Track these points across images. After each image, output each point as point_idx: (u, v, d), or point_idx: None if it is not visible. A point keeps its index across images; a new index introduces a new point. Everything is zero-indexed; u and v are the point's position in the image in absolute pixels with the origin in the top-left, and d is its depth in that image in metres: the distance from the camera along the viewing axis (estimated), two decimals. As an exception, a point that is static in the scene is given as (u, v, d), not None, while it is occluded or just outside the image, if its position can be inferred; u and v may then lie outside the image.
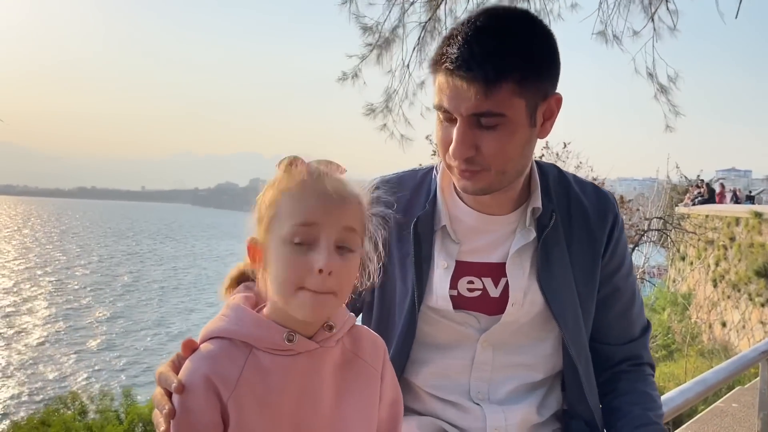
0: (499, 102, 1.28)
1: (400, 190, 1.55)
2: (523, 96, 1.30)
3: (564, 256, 1.50)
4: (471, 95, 1.28)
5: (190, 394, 1.02)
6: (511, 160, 1.36)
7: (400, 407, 1.24)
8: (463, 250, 1.50)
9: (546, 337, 1.54)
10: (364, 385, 1.16)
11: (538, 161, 1.58)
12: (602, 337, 1.61)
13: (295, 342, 1.07)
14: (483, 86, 1.27)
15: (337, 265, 1.02)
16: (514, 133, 1.33)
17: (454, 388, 1.50)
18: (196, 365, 1.04)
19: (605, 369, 1.63)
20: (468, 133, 1.32)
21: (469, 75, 1.27)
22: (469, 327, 1.50)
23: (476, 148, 1.33)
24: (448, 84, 1.30)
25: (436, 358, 1.52)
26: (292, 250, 1.03)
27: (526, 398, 1.52)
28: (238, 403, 1.03)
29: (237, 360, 1.05)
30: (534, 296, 1.48)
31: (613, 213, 1.57)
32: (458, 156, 1.34)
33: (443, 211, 1.51)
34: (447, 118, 1.35)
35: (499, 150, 1.33)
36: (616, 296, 1.59)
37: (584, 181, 1.63)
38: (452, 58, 1.29)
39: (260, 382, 1.05)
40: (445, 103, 1.32)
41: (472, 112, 1.30)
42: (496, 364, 1.51)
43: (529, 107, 1.33)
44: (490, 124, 1.31)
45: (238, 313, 1.09)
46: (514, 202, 1.50)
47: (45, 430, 6.84)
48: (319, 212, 1.03)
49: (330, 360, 1.12)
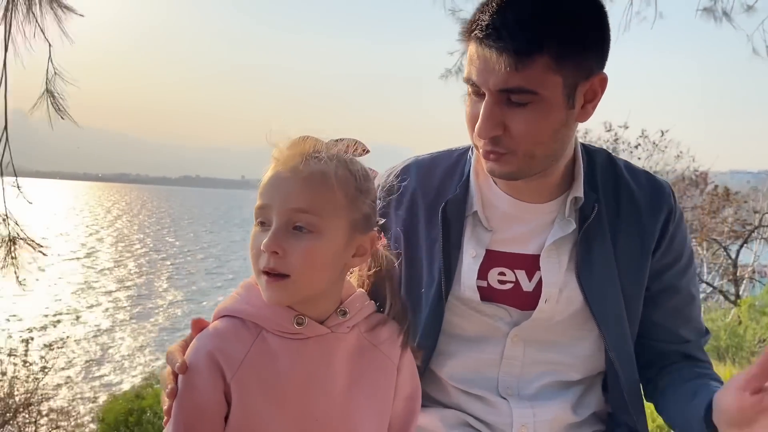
0: (531, 77, 1.18)
1: (433, 172, 1.48)
2: (560, 73, 1.19)
3: (608, 250, 1.38)
4: (501, 68, 1.17)
5: (193, 371, 1.00)
6: (542, 143, 1.25)
7: (417, 402, 1.18)
8: (495, 238, 1.40)
9: (585, 337, 1.42)
10: (379, 375, 1.11)
11: (587, 145, 1.47)
12: (651, 335, 1.48)
13: (305, 326, 1.04)
14: (514, 58, 1.16)
15: (286, 246, 0.98)
16: (548, 113, 1.22)
17: (482, 381, 1.42)
18: (202, 342, 1.03)
19: (653, 365, 1.50)
20: (495, 110, 1.22)
21: (499, 45, 1.16)
22: (499, 320, 1.41)
23: (504, 128, 1.23)
24: (478, 55, 1.21)
25: (463, 350, 1.44)
26: (255, 232, 1.02)
27: (559, 396, 1.42)
28: (242, 384, 1.01)
29: (244, 340, 1.03)
30: (572, 293, 1.37)
31: (668, 204, 1.43)
32: (484, 134, 1.24)
33: (476, 195, 1.41)
34: (476, 92, 1.25)
35: (529, 131, 1.22)
36: (668, 293, 1.45)
37: (637, 169, 1.49)
38: (482, 26, 1.19)
39: (267, 365, 1.02)
40: (473, 76, 1.22)
41: (501, 87, 1.19)
42: (527, 360, 1.42)
43: (567, 86, 1.21)
44: (521, 102, 1.20)
45: (249, 293, 1.07)
46: (555, 189, 1.39)
47: (139, 402, 7.67)
48: (271, 193, 1.01)
49: (343, 347, 1.07)
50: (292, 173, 1.00)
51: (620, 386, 1.42)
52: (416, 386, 1.19)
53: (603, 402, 1.48)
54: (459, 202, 1.42)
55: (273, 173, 1.02)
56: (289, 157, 1.02)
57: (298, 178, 1.00)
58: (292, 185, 1.00)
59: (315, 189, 1.00)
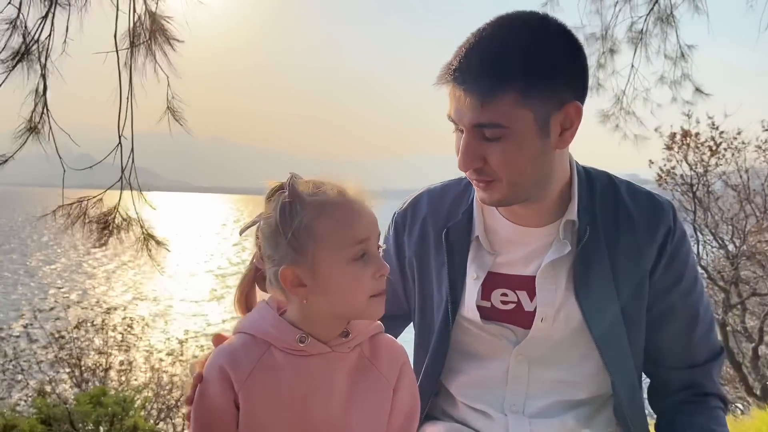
0: (499, 113, 1.25)
1: (443, 200, 1.56)
2: (528, 107, 1.25)
3: (606, 271, 1.41)
4: (470, 107, 1.26)
5: (207, 382, 1.15)
6: (521, 172, 1.31)
7: (414, 420, 1.24)
8: (498, 261, 1.47)
9: (588, 356, 1.44)
10: (375, 393, 1.18)
11: (588, 169, 1.50)
12: (657, 359, 1.48)
13: (307, 344, 1.14)
14: (479, 98, 1.24)
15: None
16: (521, 144, 1.28)
17: (488, 398, 1.48)
18: (216, 356, 1.16)
19: (663, 396, 1.50)
20: (473, 145, 1.30)
21: (465, 87, 1.25)
22: (503, 339, 1.47)
23: (483, 160, 1.31)
24: (454, 95, 1.30)
25: (471, 368, 1.51)
26: (357, 266, 1.10)
27: (563, 414, 1.44)
28: (249, 393, 1.13)
29: (253, 354, 1.15)
30: (570, 312, 1.41)
31: (666, 224, 1.42)
32: (464, 167, 1.33)
33: (478, 221, 1.49)
34: (457, 128, 1.34)
35: (506, 162, 1.29)
36: (670, 316, 1.44)
37: (638, 189, 1.49)
38: (452, 69, 1.28)
39: (271, 378, 1.13)
40: (452, 113, 1.32)
41: (473, 123, 1.28)
42: (533, 378, 1.46)
43: (538, 118, 1.27)
44: (494, 136, 1.28)
45: (261, 313, 1.20)
46: (552, 213, 1.44)
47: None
48: (367, 227, 1.12)
49: (344, 365, 1.16)
50: (367, 208, 1.15)
51: (622, 408, 1.43)
52: (415, 405, 1.24)
53: (615, 424, 1.48)
54: (462, 227, 1.50)
55: (354, 213, 1.14)
56: (355, 195, 1.15)
57: (370, 209, 1.15)
58: (374, 216, 1.15)
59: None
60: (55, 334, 9.15)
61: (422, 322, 1.57)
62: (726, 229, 9.89)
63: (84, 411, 6.64)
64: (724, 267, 9.97)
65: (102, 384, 8.29)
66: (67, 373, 8.80)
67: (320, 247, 1.09)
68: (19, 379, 8.70)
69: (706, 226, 9.78)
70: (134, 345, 9.60)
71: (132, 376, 8.95)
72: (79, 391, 8.08)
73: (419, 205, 1.59)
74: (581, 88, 1.32)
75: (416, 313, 1.58)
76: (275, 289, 1.14)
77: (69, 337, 9.05)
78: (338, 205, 1.11)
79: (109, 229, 4.36)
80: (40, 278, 29.74)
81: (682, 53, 6.40)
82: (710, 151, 9.70)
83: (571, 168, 1.44)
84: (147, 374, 8.98)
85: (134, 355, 9.49)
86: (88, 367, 8.87)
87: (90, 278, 29.16)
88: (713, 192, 9.94)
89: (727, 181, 9.93)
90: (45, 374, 8.71)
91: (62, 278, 29.90)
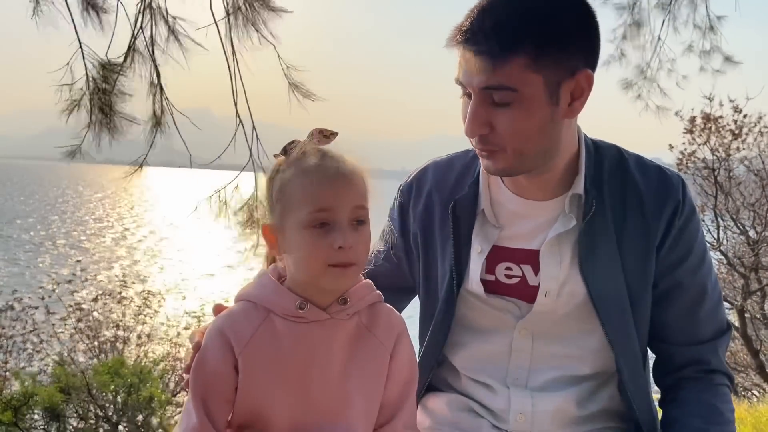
0: (510, 76, 1.23)
1: (449, 172, 1.55)
2: (539, 71, 1.24)
3: (612, 245, 1.39)
4: (481, 69, 1.24)
5: (207, 347, 1.17)
6: (529, 140, 1.30)
7: (411, 387, 1.26)
8: (503, 235, 1.46)
9: (592, 330, 1.43)
10: (372, 360, 1.20)
11: (597, 142, 1.48)
12: (663, 335, 1.47)
13: (306, 311, 1.16)
14: (490, 60, 1.23)
15: (353, 240, 1.12)
16: (531, 111, 1.26)
17: (491, 371, 1.49)
18: (217, 322, 1.19)
19: (668, 372, 1.49)
20: (480, 110, 1.28)
21: (477, 48, 1.24)
22: (507, 313, 1.47)
23: (490, 127, 1.29)
24: (464, 57, 1.28)
25: (475, 342, 1.51)
26: (313, 233, 1.11)
27: (567, 389, 1.44)
28: (248, 359, 1.15)
29: (253, 321, 1.17)
30: (574, 287, 1.40)
31: (675, 199, 1.40)
32: (470, 133, 1.32)
33: (484, 194, 1.48)
34: (465, 93, 1.32)
35: (513, 129, 1.28)
36: (677, 292, 1.43)
37: (648, 163, 1.47)
38: (463, 31, 1.26)
39: (271, 344, 1.15)
40: (461, 77, 1.30)
41: (482, 85, 1.26)
42: (536, 352, 1.46)
43: (548, 84, 1.25)
44: (503, 101, 1.26)
45: (262, 281, 1.22)
46: (558, 186, 1.42)
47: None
48: (331, 197, 1.11)
49: (342, 332, 1.18)
50: (343, 176, 1.14)
51: (625, 382, 1.42)
52: (413, 372, 1.26)
53: (618, 400, 1.47)
54: (468, 200, 1.48)
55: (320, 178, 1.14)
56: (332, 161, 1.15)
57: (351, 179, 1.15)
58: (351, 186, 1.14)
59: (363, 185, 1.16)
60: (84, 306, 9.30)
61: (426, 294, 1.56)
62: (747, 214, 9.74)
63: (102, 381, 6.76)
64: (744, 253, 9.85)
65: (120, 355, 8.42)
66: (85, 344, 8.95)
67: (286, 208, 1.13)
68: (39, 349, 8.86)
69: (727, 212, 9.65)
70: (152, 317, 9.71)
71: (149, 348, 9.07)
72: (96, 362, 8.22)
73: (424, 178, 1.58)
74: (593, 57, 1.30)
75: (421, 285, 1.58)
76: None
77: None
78: (310, 171, 1.12)
79: (253, 218, 4.27)
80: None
81: (711, 25, 6.28)
82: (732, 135, 9.55)
83: (579, 140, 1.42)
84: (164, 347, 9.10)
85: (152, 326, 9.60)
86: (107, 339, 9.01)
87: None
88: (735, 177, 9.79)
89: (749, 166, 9.78)
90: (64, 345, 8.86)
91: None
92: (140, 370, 7.13)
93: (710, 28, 6.27)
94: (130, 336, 9.15)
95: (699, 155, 9.67)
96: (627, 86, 6.84)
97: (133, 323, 9.31)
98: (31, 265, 24.36)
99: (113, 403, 7.08)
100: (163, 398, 7.17)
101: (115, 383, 6.81)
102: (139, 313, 9.46)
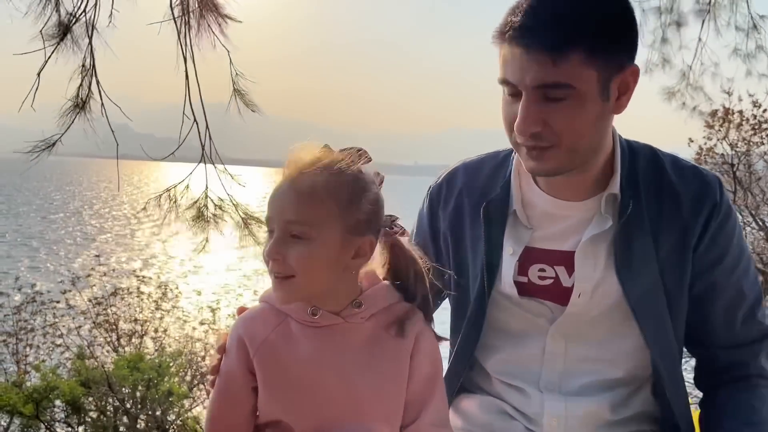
0: (567, 72, 1.21)
1: (479, 173, 1.54)
2: (594, 66, 1.22)
3: (648, 246, 1.38)
4: (536, 65, 1.21)
5: (228, 349, 1.20)
6: (582, 136, 1.28)
7: (434, 384, 1.24)
8: (535, 236, 1.45)
9: (627, 333, 1.42)
10: (391, 362, 1.19)
11: (631, 142, 1.46)
12: (700, 338, 1.46)
13: (319, 316, 1.17)
14: (550, 54, 1.20)
15: (276, 251, 1.11)
16: (584, 106, 1.25)
17: (524, 375, 1.48)
18: (235, 325, 1.21)
19: (707, 375, 1.49)
20: (533, 108, 1.25)
21: (535, 43, 1.21)
22: (540, 316, 1.46)
23: (543, 123, 1.26)
24: (512, 55, 1.24)
25: (507, 345, 1.50)
26: (266, 239, 1.15)
27: (600, 394, 1.43)
28: (262, 361, 1.17)
29: (269, 323, 1.19)
30: (609, 288, 1.39)
31: (712, 199, 1.38)
32: (524, 131, 1.27)
33: (516, 195, 1.46)
34: (512, 92, 1.29)
35: (569, 125, 1.25)
36: (714, 293, 1.41)
37: (684, 163, 1.46)
38: (516, 26, 1.23)
39: (285, 346, 1.17)
40: (509, 76, 1.26)
41: (537, 83, 1.22)
42: (570, 356, 1.45)
43: (601, 79, 1.24)
44: (557, 97, 1.23)
45: None
46: (593, 186, 1.40)
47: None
48: (271, 206, 1.14)
49: (358, 335, 1.18)
50: (288, 186, 1.14)
51: (662, 384, 1.41)
52: (436, 368, 1.24)
53: (653, 404, 1.47)
54: (500, 201, 1.47)
55: (276, 186, 1.16)
56: (288, 170, 1.15)
57: (291, 191, 1.13)
58: (286, 198, 1.13)
59: (304, 201, 1.11)
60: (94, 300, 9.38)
61: (457, 296, 1.55)
62: (767, 210, 9.65)
63: (122, 375, 6.82)
64: (763, 249, 9.75)
65: (138, 350, 8.49)
66: (104, 338, 9.03)
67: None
68: (59, 343, 8.95)
69: (746, 207, 9.54)
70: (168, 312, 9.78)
71: (166, 342, 9.13)
72: (116, 355, 8.29)
73: (455, 179, 1.57)
74: (635, 51, 1.30)
75: (451, 287, 1.55)
76: None
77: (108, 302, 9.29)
78: (281, 180, 1.15)
79: (204, 217, 4.33)
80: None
81: (754, 24, 6.08)
82: (753, 129, 9.44)
83: (614, 140, 1.41)
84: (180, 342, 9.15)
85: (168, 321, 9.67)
86: (125, 332, 9.08)
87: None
88: (755, 172, 9.68)
89: (769, 161, 9.67)
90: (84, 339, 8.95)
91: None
92: (159, 364, 7.19)
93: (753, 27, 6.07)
94: (148, 329, 9.22)
95: (718, 150, 9.58)
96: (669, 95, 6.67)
97: (151, 317, 9.38)
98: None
99: (132, 397, 7.15)
100: (181, 392, 7.23)
101: (134, 377, 6.88)
102: (157, 308, 9.52)
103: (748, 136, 9.47)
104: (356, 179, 1.15)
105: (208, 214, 4.36)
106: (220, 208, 4.40)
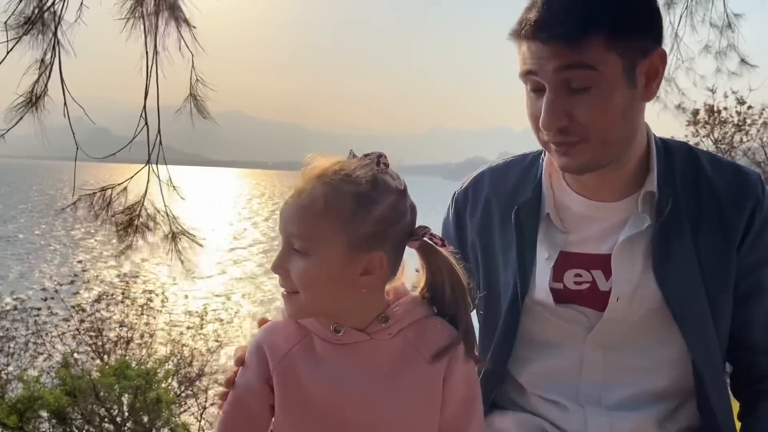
0: (588, 53, 1.17)
1: (507, 177, 1.48)
2: (616, 51, 1.18)
3: (688, 247, 1.32)
4: (556, 51, 1.18)
5: (247, 361, 1.14)
6: (612, 126, 1.23)
7: (472, 406, 1.15)
8: (570, 240, 1.39)
9: (669, 339, 1.35)
10: (420, 383, 1.11)
11: (665, 140, 1.41)
12: (742, 343, 1.39)
13: (343, 333, 1.09)
14: (567, 43, 1.17)
15: (288, 266, 1.07)
16: (611, 93, 1.20)
17: (561, 388, 1.40)
18: (257, 336, 1.15)
19: (747, 383, 1.41)
20: (557, 101, 1.21)
21: (552, 35, 1.18)
22: (576, 325, 1.39)
23: (569, 117, 1.21)
24: (530, 50, 1.21)
25: (541, 356, 1.43)
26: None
27: (645, 407, 1.36)
28: (282, 376, 1.10)
29: (292, 338, 1.12)
30: (648, 291, 1.32)
31: (754, 196, 1.34)
32: (549, 126, 1.23)
33: (548, 197, 1.41)
34: (534, 87, 1.25)
35: (597, 115, 1.21)
36: (759, 295, 1.36)
37: (722, 161, 1.41)
38: (532, 21, 1.20)
39: (306, 364, 1.09)
40: (529, 67, 1.22)
41: (559, 65, 1.18)
42: (609, 366, 1.38)
43: (626, 65, 1.20)
44: (582, 86, 1.19)
45: None
46: (628, 186, 1.35)
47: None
48: (279, 217, 1.09)
49: (385, 353, 1.10)
50: (293, 198, 1.08)
51: (707, 395, 1.34)
52: (473, 391, 1.15)
53: (698, 418, 1.39)
54: (532, 205, 1.41)
55: (287, 198, 1.11)
56: (298, 183, 1.09)
57: (294, 202, 1.07)
58: (290, 210, 1.08)
59: (303, 215, 1.06)
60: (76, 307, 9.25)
61: (487, 306, 1.47)
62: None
63: (108, 383, 6.72)
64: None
65: (124, 356, 8.38)
66: (89, 345, 8.90)
67: None
68: (41, 351, 8.81)
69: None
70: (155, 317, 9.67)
71: (153, 349, 9.03)
72: (101, 363, 8.18)
73: (481, 184, 1.51)
74: (661, 35, 1.26)
75: (482, 297, 1.46)
76: None
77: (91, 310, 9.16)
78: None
79: (133, 225, 4.24)
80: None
81: (729, 22, 6.09)
82: (735, 127, 9.53)
83: (648, 137, 1.36)
84: (168, 347, 9.06)
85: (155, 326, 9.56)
86: (110, 339, 8.97)
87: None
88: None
89: (752, 157, 9.76)
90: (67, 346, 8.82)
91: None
92: (146, 371, 7.09)
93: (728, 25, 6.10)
94: (133, 336, 9.12)
95: (702, 147, 9.63)
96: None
97: (137, 322, 9.27)
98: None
99: (119, 405, 7.05)
100: (170, 398, 7.14)
101: (121, 385, 6.78)
102: (141, 313, 9.42)
103: (732, 133, 9.56)
104: (362, 190, 1.05)
105: (138, 222, 4.27)
106: (153, 219, 4.32)
